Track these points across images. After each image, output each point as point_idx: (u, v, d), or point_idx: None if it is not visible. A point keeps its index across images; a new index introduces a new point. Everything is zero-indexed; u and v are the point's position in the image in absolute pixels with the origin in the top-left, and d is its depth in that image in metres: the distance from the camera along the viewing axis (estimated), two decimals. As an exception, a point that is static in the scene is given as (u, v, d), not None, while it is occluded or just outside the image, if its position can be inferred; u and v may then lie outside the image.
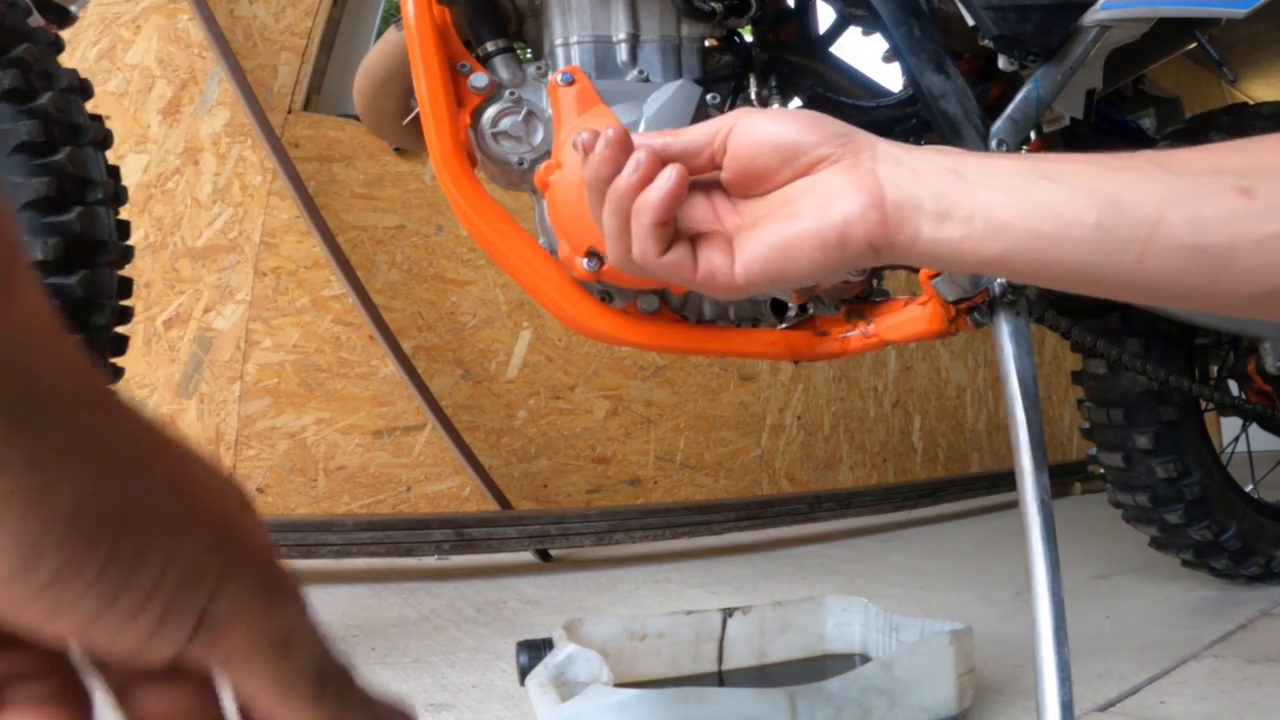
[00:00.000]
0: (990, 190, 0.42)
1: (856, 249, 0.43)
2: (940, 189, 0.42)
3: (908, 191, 0.42)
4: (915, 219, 0.42)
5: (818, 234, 0.43)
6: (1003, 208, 0.41)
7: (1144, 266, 0.40)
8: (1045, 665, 0.71)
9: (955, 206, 0.42)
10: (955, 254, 0.42)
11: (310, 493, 1.80)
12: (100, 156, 0.94)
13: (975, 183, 0.42)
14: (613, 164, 0.45)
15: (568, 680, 0.78)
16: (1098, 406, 1.32)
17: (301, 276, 1.83)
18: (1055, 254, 0.41)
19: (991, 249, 0.42)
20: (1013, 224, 0.41)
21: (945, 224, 0.42)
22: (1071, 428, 3.29)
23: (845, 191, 0.43)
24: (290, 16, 1.87)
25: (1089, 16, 0.90)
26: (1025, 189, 0.41)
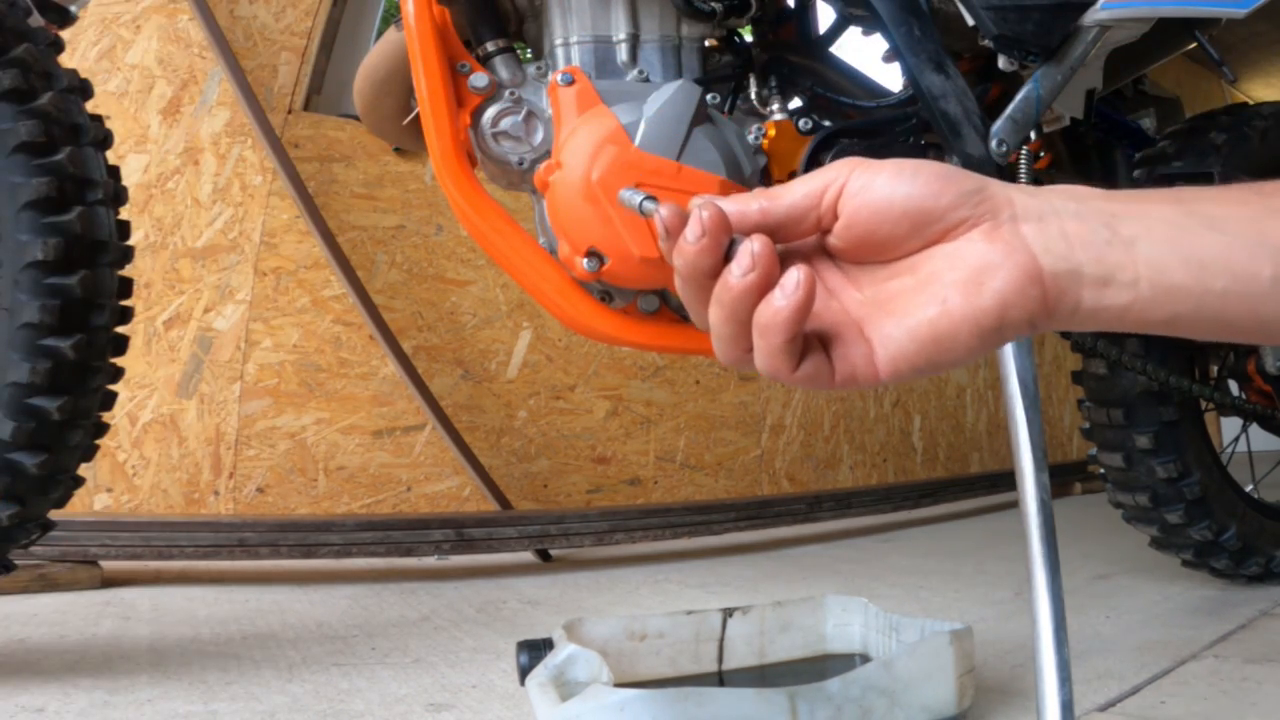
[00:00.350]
0: (1151, 245, 0.37)
1: (1015, 330, 0.38)
2: (1098, 251, 0.38)
3: (1063, 258, 0.37)
4: (1075, 289, 0.38)
5: (974, 320, 0.37)
6: (1169, 267, 0.37)
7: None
8: (1045, 665, 0.71)
9: (1117, 269, 0.37)
10: (1119, 320, 0.39)
11: (310, 493, 1.80)
12: (100, 156, 0.94)
13: (1133, 237, 0.38)
14: (713, 253, 0.37)
15: (568, 680, 0.78)
16: (1098, 406, 1.32)
17: (302, 276, 1.83)
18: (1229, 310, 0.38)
19: (1160, 313, 0.38)
20: (1184, 285, 0.37)
21: (1108, 290, 0.38)
22: (1072, 428, 3.29)
23: (997, 266, 0.37)
24: (290, 16, 1.87)
25: (1089, 16, 0.90)
26: (1189, 242, 0.37)
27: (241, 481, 1.75)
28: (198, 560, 1.50)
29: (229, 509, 1.74)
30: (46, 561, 1.38)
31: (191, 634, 1.16)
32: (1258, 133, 1.28)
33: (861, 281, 0.40)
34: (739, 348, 0.39)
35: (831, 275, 0.40)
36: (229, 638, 1.15)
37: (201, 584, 1.48)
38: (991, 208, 0.38)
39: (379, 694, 0.94)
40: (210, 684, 0.95)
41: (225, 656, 1.06)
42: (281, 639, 1.15)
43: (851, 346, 0.38)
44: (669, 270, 0.79)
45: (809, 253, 0.41)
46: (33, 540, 0.95)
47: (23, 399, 0.86)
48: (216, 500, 1.74)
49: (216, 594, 1.41)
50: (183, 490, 1.72)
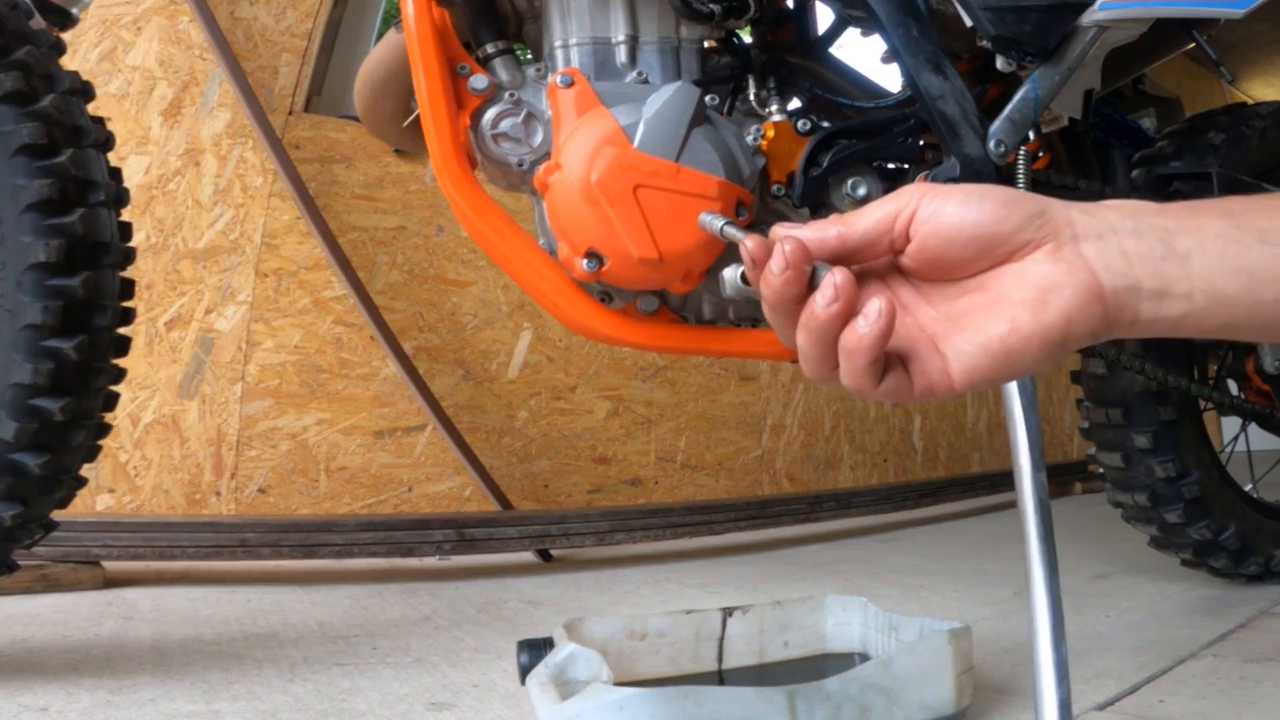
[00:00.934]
0: (1205, 259, 0.40)
1: (1078, 342, 0.41)
2: (1154, 266, 0.40)
3: (1122, 274, 0.40)
4: (1135, 303, 0.40)
5: (1041, 336, 0.40)
6: (1221, 279, 0.40)
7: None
8: (1043, 664, 0.71)
9: (1173, 283, 0.40)
10: (1176, 327, 0.41)
11: (312, 493, 1.80)
12: (102, 158, 0.94)
13: (1187, 252, 0.40)
14: (797, 284, 0.40)
15: (568, 679, 0.78)
16: (1097, 406, 1.32)
17: (302, 277, 1.83)
18: (1275, 318, 0.40)
19: (1213, 321, 0.41)
20: (1235, 296, 0.40)
21: (1165, 302, 0.40)
22: (1071, 427, 3.29)
23: (1060, 285, 0.40)
24: (291, 18, 1.88)
25: (1087, 17, 0.90)
26: (1241, 255, 0.40)
27: (243, 482, 1.76)
28: (199, 560, 1.50)
29: (231, 509, 1.74)
30: (49, 562, 1.38)
31: (194, 634, 1.17)
32: (1256, 132, 1.28)
33: (934, 299, 0.43)
34: (826, 367, 0.41)
35: (905, 292, 0.43)
36: (231, 637, 1.15)
37: (203, 584, 1.49)
38: (1054, 229, 0.41)
39: (380, 693, 0.94)
40: (212, 683, 0.96)
41: (227, 656, 1.06)
42: (283, 639, 1.16)
43: (928, 361, 0.41)
44: (668, 271, 0.80)
45: (884, 271, 0.44)
46: (35, 540, 0.96)
47: (25, 400, 0.86)
48: (218, 501, 1.74)
49: (218, 594, 1.42)
50: (184, 491, 1.72)
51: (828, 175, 0.87)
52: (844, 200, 0.87)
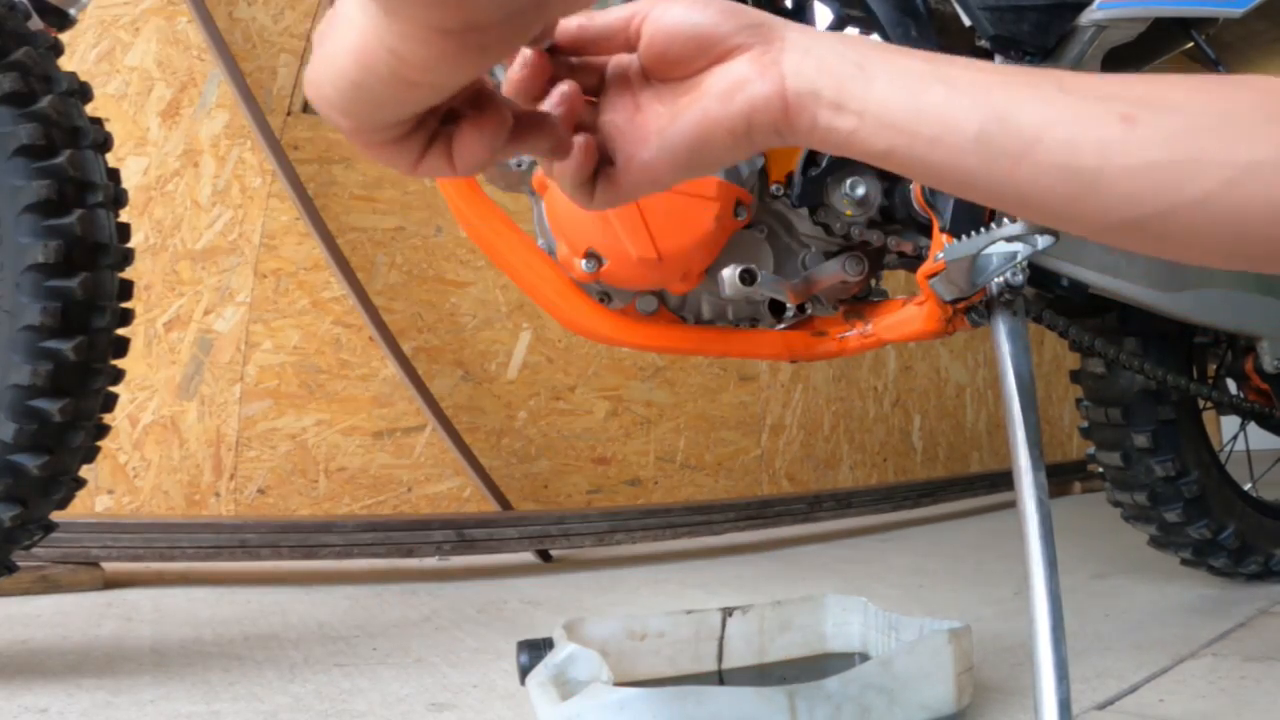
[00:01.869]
0: (887, 85, 0.43)
1: (762, 135, 0.45)
2: (839, 81, 0.44)
3: (809, 80, 0.44)
4: (813, 107, 0.44)
5: (727, 125, 0.45)
6: (893, 106, 0.43)
7: (1016, 179, 0.42)
8: (1043, 663, 0.71)
9: (851, 99, 0.44)
10: (847, 144, 0.45)
11: (311, 494, 1.80)
12: (100, 159, 0.94)
13: (874, 76, 0.44)
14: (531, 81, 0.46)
15: (568, 679, 0.78)
16: (1096, 405, 1.32)
17: (301, 278, 1.83)
18: (935, 155, 0.43)
19: (878, 143, 0.44)
20: (900, 123, 0.43)
21: (839, 114, 0.44)
22: (1071, 427, 3.29)
23: (751, 81, 0.44)
24: (289, 18, 1.88)
25: (1085, 16, 0.90)
26: (919, 90, 0.43)
27: (242, 483, 1.76)
28: (199, 561, 1.50)
29: (230, 510, 1.74)
30: (48, 563, 1.38)
31: (193, 635, 1.17)
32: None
33: (665, 97, 0.47)
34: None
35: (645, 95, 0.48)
36: (231, 638, 1.15)
37: (203, 585, 1.49)
38: (765, 37, 0.45)
39: (380, 694, 0.94)
40: (213, 684, 0.96)
41: (227, 657, 1.06)
42: (283, 639, 1.16)
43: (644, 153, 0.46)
44: (666, 271, 0.80)
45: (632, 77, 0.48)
46: (35, 542, 0.96)
47: (24, 401, 0.86)
48: (217, 502, 1.74)
49: (218, 595, 1.42)
50: (184, 492, 1.72)
51: (826, 175, 0.87)
52: (843, 200, 0.87)
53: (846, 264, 0.86)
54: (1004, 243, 0.73)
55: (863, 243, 0.87)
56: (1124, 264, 0.99)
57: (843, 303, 0.92)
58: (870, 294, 0.94)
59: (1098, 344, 1.07)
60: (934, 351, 2.85)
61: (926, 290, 0.82)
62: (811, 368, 2.49)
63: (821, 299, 0.91)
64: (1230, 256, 0.43)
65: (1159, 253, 0.44)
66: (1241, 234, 0.41)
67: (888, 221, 0.89)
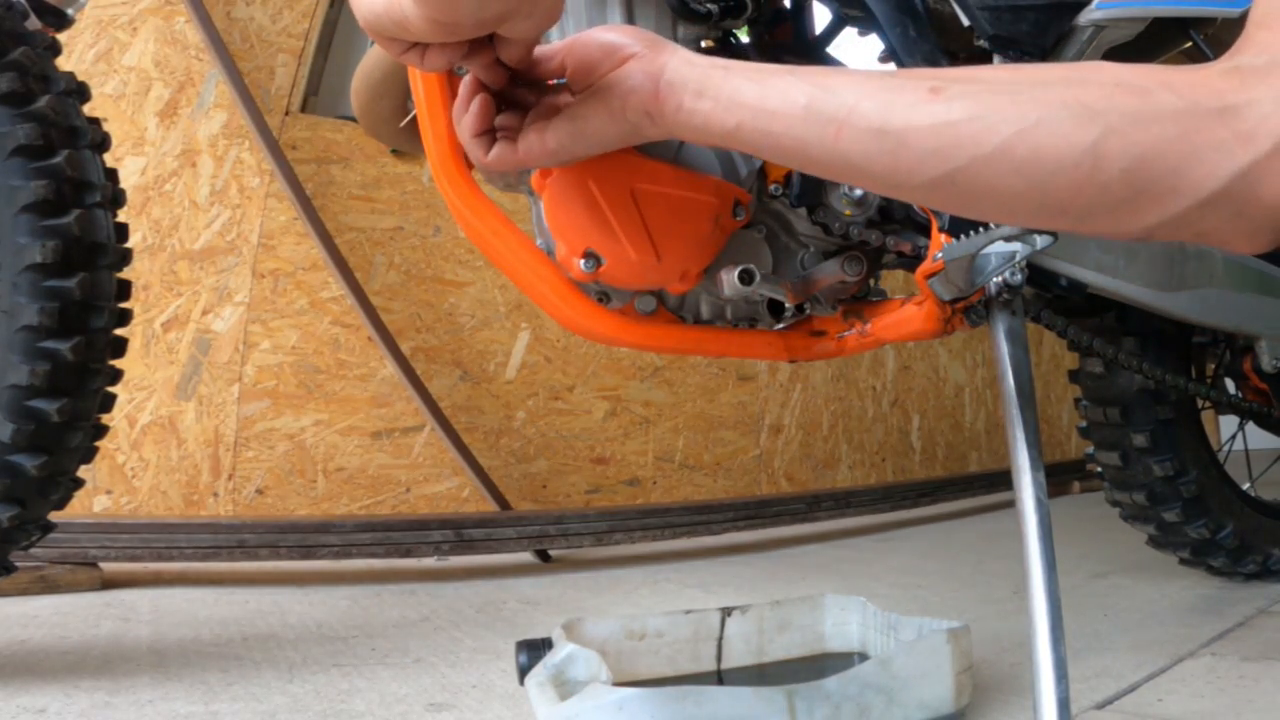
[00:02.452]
0: (741, 78, 0.53)
1: (635, 114, 0.55)
2: (707, 75, 0.54)
3: (680, 75, 0.54)
4: (680, 94, 0.54)
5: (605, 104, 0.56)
6: (744, 90, 0.52)
7: (840, 144, 0.49)
8: (1042, 663, 0.71)
9: (710, 87, 0.53)
10: (705, 125, 0.54)
11: (309, 494, 1.80)
12: (98, 159, 0.94)
13: (734, 73, 0.53)
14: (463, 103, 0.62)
15: (567, 679, 0.78)
16: (1095, 405, 1.32)
17: (300, 278, 1.83)
18: (774, 126, 0.51)
19: (729, 120, 0.52)
20: (748, 102, 0.52)
21: (699, 99, 0.53)
22: (1070, 426, 3.30)
23: (633, 74, 0.55)
24: (287, 18, 1.88)
25: (1084, 16, 0.90)
26: (767, 78, 0.52)
27: (241, 483, 1.76)
28: (197, 562, 1.50)
29: (228, 510, 1.74)
30: (46, 563, 1.38)
31: (192, 635, 1.16)
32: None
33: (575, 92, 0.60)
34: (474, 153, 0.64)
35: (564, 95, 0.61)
36: (229, 639, 1.15)
37: (201, 585, 1.49)
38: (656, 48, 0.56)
39: (379, 694, 0.94)
40: (211, 685, 0.95)
41: (226, 657, 1.06)
42: (282, 640, 1.16)
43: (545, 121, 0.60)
44: (665, 271, 0.80)
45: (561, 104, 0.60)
46: (33, 542, 0.95)
47: (22, 401, 0.86)
48: (216, 502, 1.74)
49: (216, 595, 1.42)
50: (182, 492, 1.72)
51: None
52: (841, 200, 0.87)
53: (845, 264, 0.86)
54: (1002, 242, 0.73)
55: (861, 242, 0.87)
56: (1123, 264, 0.99)
57: (841, 302, 0.92)
58: (869, 294, 0.94)
59: (1096, 344, 1.07)
60: (933, 351, 2.85)
61: (925, 290, 0.82)
62: (810, 367, 2.49)
63: (820, 299, 0.91)
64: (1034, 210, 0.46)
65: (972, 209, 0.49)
66: (1036, 182, 0.45)
67: (886, 221, 0.89)
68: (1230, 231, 0.44)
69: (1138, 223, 0.44)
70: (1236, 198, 0.42)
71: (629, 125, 0.56)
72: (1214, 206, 0.42)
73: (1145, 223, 0.44)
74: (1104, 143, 0.43)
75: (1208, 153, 0.42)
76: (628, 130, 0.57)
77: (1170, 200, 0.43)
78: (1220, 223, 0.43)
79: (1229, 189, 0.42)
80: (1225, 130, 0.41)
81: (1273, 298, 1.14)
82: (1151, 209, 0.43)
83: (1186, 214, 0.43)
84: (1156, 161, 0.42)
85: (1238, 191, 0.42)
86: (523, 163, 0.60)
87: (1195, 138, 0.42)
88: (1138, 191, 0.43)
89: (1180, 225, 0.44)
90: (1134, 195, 0.43)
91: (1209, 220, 0.43)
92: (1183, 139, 0.42)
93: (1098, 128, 0.43)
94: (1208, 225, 0.44)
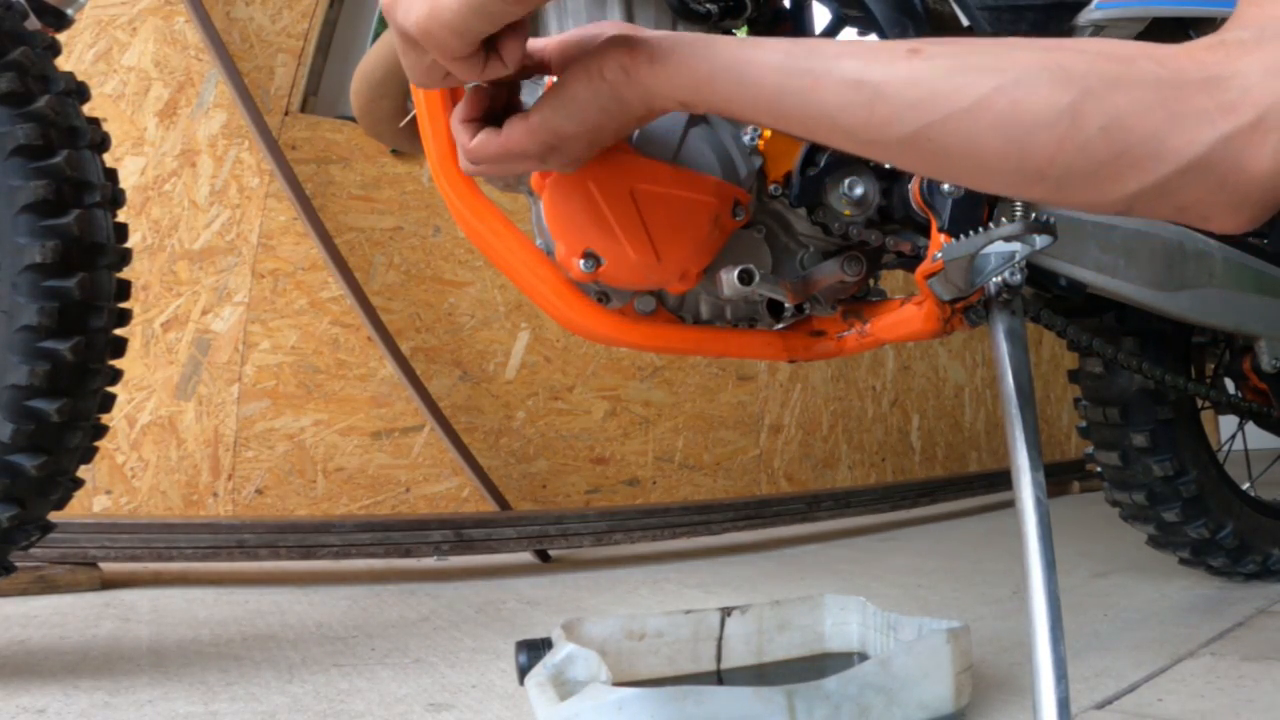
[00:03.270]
0: (720, 40, 0.53)
1: (612, 71, 0.54)
2: (683, 35, 0.54)
3: (657, 34, 0.55)
4: (654, 46, 0.54)
5: (584, 66, 0.55)
6: (720, 43, 0.53)
7: (816, 93, 0.49)
8: (1042, 663, 0.71)
9: (686, 41, 0.54)
10: (678, 73, 0.53)
11: (309, 494, 1.80)
12: (98, 159, 0.94)
13: (714, 40, 0.53)
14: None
15: (567, 679, 0.78)
16: (1094, 405, 1.32)
17: (299, 278, 1.83)
18: (749, 76, 0.51)
19: (702, 68, 0.52)
20: (722, 51, 0.52)
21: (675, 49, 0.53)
22: (1069, 426, 3.30)
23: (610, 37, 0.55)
24: (287, 18, 1.88)
25: (1083, 16, 0.90)
26: (745, 40, 0.53)
27: (240, 483, 1.76)
28: (197, 562, 1.50)
29: (228, 510, 1.74)
30: (46, 563, 1.38)
31: (191, 635, 1.16)
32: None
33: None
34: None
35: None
36: (229, 639, 1.15)
37: (201, 585, 1.49)
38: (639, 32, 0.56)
39: (379, 694, 0.94)
40: (211, 685, 0.95)
41: (225, 657, 1.06)
42: (281, 640, 1.16)
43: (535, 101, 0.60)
44: (665, 271, 0.80)
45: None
46: (32, 542, 0.95)
47: (22, 401, 0.86)
48: (215, 502, 1.74)
49: (216, 595, 1.42)
50: (181, 492, 1.72)
51: (824, 175, 0.87)
52: (841, 199, 0.87)
53: (845, 264, 0.86)
54: (1002, 242, 0.73)
55: (861, 242, 0.87)
56: (1122, 264, 0.99)
57: (841, 302, 0.92)
58: (868, 294, 0.94)
59: (1096, 343, 1.07)
60: (932, 351, 2.85)
61: (925, 290, 0.82)
62: (810, 367, 2.49)
63: (820, 299, 0.91)
64: (1012, 172, 0.46)
65: (948, 170, 0.48)
66: (1014, 139, 0.44)
67: (886, 221, 0.89)
68: (1213, 204, 0.43)
69: (1118, 190, 0.44)
70: (1218, 167, 0.41)
71: (606, 86, 0.55)
72: (1195, 175, 0.42)
73: (1125, 189, 0.44)
74: (1082, 103, 0.43)
75: (1189, 120, 0.41)
76: (605, 93, 0.55)
77: (1150, 165, 0.42)
78: (1203, 194, 0.43)
79: (1210, 157, 0.41)
80: (1208, 100, 0.41)
81: (1272, 298, 1.14)
82: (1131, 175, 0.43)
83: (1167, 182, 0.43)
84: (1136, 125, 0.42)
85: (1219, 160, 0.41)
86: (504, 146, 0.58)
87: (1176, 105, 0.42)
88: (1116, 154, 0.43)
89: (1162, 195, 0.43)
90: (1113, 158, 0.43)
91: (1191, 190, 0.43)
92: (1163, 105, 0.42)
93: (1076, 88, 0.43)
94: (1190, 197, 0.43)
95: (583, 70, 0.55)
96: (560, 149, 0.59)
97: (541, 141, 0.58)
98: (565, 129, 0.57)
